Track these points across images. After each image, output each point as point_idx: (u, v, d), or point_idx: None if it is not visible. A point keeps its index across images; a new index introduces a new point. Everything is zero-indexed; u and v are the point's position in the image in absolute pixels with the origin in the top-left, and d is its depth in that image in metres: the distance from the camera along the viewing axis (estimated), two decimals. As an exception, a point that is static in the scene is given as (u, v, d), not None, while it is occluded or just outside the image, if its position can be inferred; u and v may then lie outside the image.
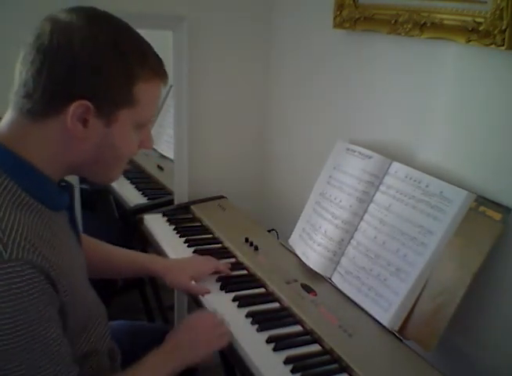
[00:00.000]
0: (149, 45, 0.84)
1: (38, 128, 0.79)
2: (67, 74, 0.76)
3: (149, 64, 0.82)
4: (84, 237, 1.17)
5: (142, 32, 0.86)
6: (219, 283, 1.21)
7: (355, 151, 1.29)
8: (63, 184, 0.89)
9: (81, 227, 1.54)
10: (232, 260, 1.34)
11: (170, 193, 1.80)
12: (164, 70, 0.86)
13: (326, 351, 1.00)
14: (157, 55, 0.85)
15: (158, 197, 1.83)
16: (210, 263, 1.26)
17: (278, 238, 1.54)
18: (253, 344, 1.00)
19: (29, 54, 0.77)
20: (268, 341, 1.01)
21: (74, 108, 0.76)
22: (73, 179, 1.49)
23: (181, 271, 1.21)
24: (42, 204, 0.80)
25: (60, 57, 0.76)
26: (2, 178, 0.76)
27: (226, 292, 1.18)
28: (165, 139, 1.92)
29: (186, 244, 1.41)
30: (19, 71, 0.78)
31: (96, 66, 0.77)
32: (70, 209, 0.91)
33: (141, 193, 1.86)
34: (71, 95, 0.76)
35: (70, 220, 0.91)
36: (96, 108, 0.78)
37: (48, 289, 0.74)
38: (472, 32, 0.99)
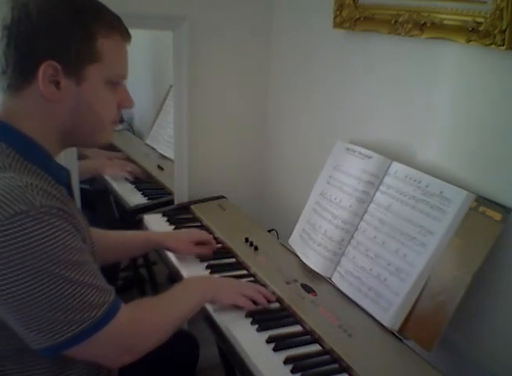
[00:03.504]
0: (102, 4, 0.90)
1: (20, 100, 0.86)
2: (30, 40, 0.83)
3: (105, 19, 0.88)
4: (91, 229, 1.19)
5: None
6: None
7: (355, 151, 1.29)
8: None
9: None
10: (232, 260, 1.35)
11: (170, 193, 1.80)
12: (123, 25, 0.91)
13: (326, 351, 1.00)
14: (113, 12, 0.91)
15: (158, 197, 1.83)
16: (199, 231, 1.41)
17: (278, 238, 1.54)
18: (253, 344, 1.00)
19: None
20: (268, 341, 1.01)
21: (43, 70, 0.83)
22: (73, 179, 1.49)
23: (184, 239, 1.34)
24: (48, 175, 0.87)
25: (22, 28, 0.83)
26: (9, 151, 0.84)
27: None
28: (165, 139, 1.92)
29: (186, 244, 1.41)
30: None
31: (55, 28, 0.83)
32: (68, 188, 0.96)
33: (141, 193, 1.86)
34: (37, 59, 0.83)
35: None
36: (63, 67, 0.84)
37: (75, 224, 0.84)
38: (472, 32, 0.99)
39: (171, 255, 1.37)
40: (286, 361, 0.95)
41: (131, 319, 0.89)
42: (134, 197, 1.83)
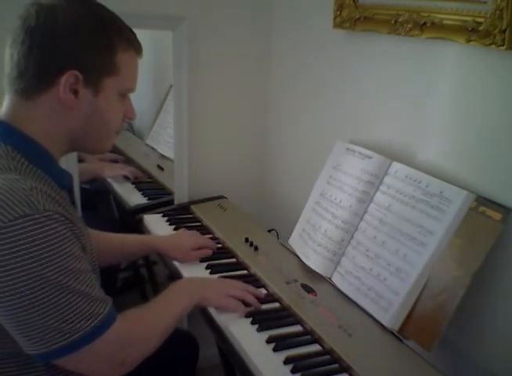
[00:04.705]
0: (121, 19, 0.93)
1: (34, 104, 0.86)
2: (56, 48, 0.85)
3: (125, 35, 0.91)
4: (93, 231, 1.19)
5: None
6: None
7: (355, 151, 1.29)
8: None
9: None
10: (232, 260, 1.35)
11: (170, 193, 1.80)
12: (138, 40, 0.95)
13: (326, 351, 1.00)
14: (130, 28, 0.94)
15: (158, 197, 1.83)
16: (198, 237, 1.39)
17: (278, 238, 1.54)
18: (253, 344, 1.00)
19: (18, 36, 0.84)
20: (268, 341, 1.00)
21: (66, 78, 0.85)
22: (74, 184, 1.49)
23: (182, 246, 1.33)
24: (52, 179, 0.88)
25: (48, 34, 0.83)
26: (15, 154, 0.84)
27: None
28: (165, 139, 1.92)
29: (186, 244, 1.41)
30: (10, 55, 0.86)
31: (81, 39, 0.86)
32: (70, 192, 0.96)
33: (141, 193, 1.86)
34: (61, 67, 0.85)
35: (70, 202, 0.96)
36: (84, 78, 0.86)
37: (76, 232, 0.84)
38: (472, 32, 0.99)
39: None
40: (286, 361, 0.95)
41: (124, 332, 0.88)
42: (134, 197, 1.83)
